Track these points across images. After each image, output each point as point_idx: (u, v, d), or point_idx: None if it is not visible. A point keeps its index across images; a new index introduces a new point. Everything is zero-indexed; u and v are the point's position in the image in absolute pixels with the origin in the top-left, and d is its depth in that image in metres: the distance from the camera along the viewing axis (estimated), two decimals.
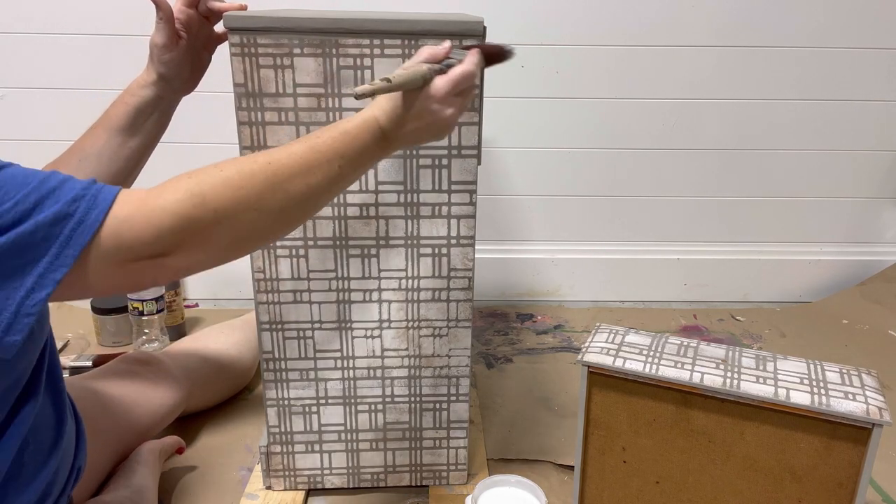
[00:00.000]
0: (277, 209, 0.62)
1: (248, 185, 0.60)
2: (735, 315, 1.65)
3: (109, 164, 0.88)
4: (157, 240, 0.58)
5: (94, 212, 0.57)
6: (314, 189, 0.64)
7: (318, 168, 0.64)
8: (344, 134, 0.66)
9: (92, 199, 0.57)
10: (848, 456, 0.76)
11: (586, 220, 1.67)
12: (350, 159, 0.66)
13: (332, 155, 0.65)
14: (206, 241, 0.60)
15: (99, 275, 0.58)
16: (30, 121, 1.52)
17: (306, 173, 0.63)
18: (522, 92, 1.54)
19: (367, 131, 0.67)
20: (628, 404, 0.85)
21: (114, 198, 0.58)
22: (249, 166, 0.61)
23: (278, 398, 0.97)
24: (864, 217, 1.70)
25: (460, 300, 0.94)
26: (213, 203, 0.59)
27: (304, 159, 0.63)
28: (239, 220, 0.61)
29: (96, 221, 0.56)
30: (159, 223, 0.57)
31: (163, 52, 0.85)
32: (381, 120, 0.68)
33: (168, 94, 0.88)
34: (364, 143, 0.67)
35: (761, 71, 1.54)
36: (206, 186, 0.59)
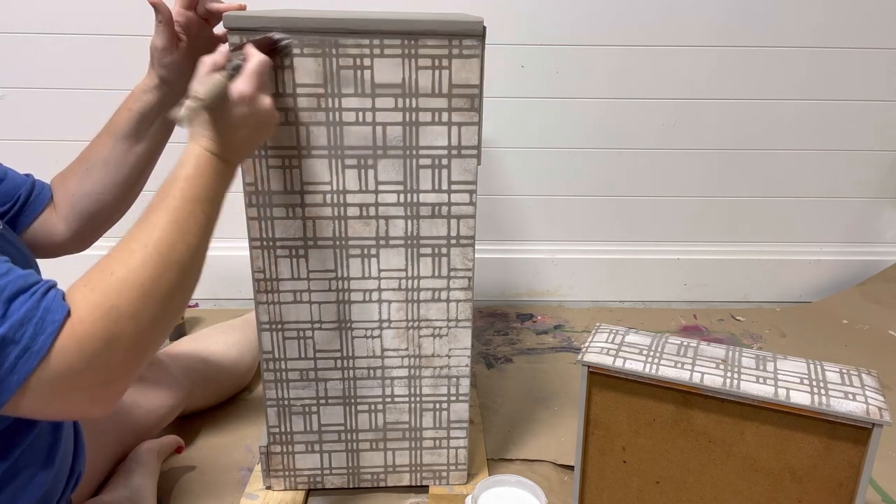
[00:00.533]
0: (178, 282, 0.63)
1: (144, 277, 0.60)
2: (735, 315, 1.65)
3: (117, 171, 0.89)
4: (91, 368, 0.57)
5: (41, 337, 0.55)
6: (196, 244, 0.65)
7: (188, 225, 0.65)
8: (187, 181, 0.67)
9: (39, 321, 0.55)
10: (848, 456, 0.76)
11: (586, 220, 1.67)
12: (207, 198, 0.67)
13: (191, 206, 0.66)
14: (135, 351, 0.60)
15: (35, 402, 0.56)
16: (30, 121, 1.52)
17: (182, 236, 0.64)
18: (522, 92, 1.54)
19: (204, 165, 0.68)
20: (628, 404, 0.85)
21: (62, 321, 0.56)
22: (134, 258, 0.61)
23: (278, 398, 0.97)
24: (864, 217, 1.70)
25: (460, 300, 0.94)
26: (126, 310, 0.58)
27: (172, 226, 0.64)
28: (152, 312, 0.60)
29: (42, 348, 0.55)
30: (91, 350, 0.56)
31: (163, 56, 0.84)
32: (210, 148, 0.70)
33: (170, 99, 0.88)
34: (209, 176, 0.68)
35: (761, 71, 1.54)
36: (112, 296, 0.58)
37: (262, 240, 0.89)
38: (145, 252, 0.61)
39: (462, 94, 0.84)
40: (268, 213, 0.87)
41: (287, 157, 0.85)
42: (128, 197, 0.92)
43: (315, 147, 0.85)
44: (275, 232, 0.88)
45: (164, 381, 1.08)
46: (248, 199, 0.87)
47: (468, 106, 0.85)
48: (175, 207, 0.65)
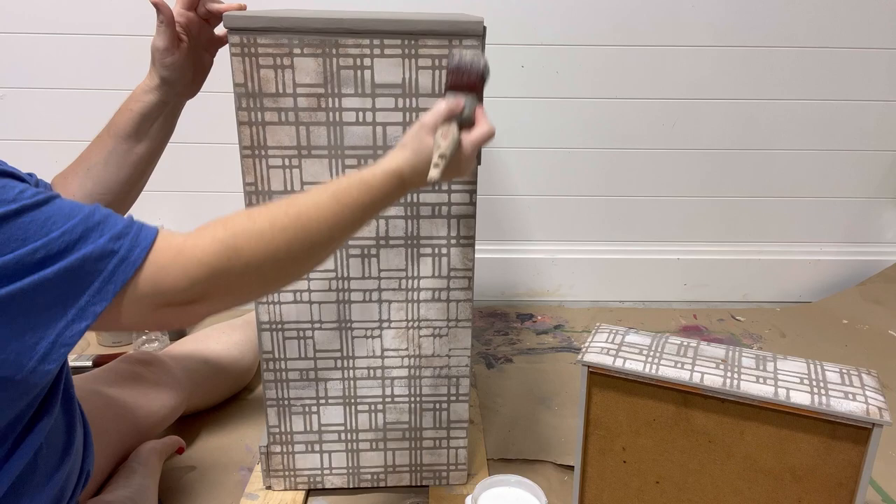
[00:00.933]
0: (303, 258, 0.66)
1: (279, 239, 0.63)
2: (735, 315, 1.65)
3: (117, 172, 0.89)
4: (190, 288, 0.59)
5: (137, 250, 0.58)
6: (337, 237, 0.68)
7: (343, 219, 0.67)
8: (369, 187, 0.69)
9: (134, 237, 0.59)
10: (848, 456, 0.76)
11: (586, 220, 1.67)
12: (371, 209, 0.70)
13: (356, 206, 0.68)
14: (235, 290, 0.63)
15: (132, 314, 0.59)
16: (30, 121, 1.52)
17: (332, 225, 0.66)
18: (522, 92, 1.54)
19: (390, 184, 0.71)
20: (628, 404, 0.85)
21: (154, 238, 0.60)
22: (281, 220, 0.63)
23: (278, 398, 0.97)
24: (864, 217, 1.70)
25: (460, 300, 0.94)
26: (246, 256, 0.61)
27: (332, 212, 0.66)
28: (267, 271, 0.63)
29: (138, 259, 0.58)
30: (195, 274, 0.59)
31: (164, 56, 0.85)
32: (404, 174, 0.72)
33: (172, 99, 0.89)
34: (385, 193, 0.71)
35: (761, 71, 1.54)
36: (241, 240, 0.61)
37: None
38: (296, 221, 0.64)
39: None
40: None
41: (287, 157, 0.85)
42: (128, 197, 0.92)
43: (315, 147, 0.85)
44: None
45: (166, 381, 1.08)
46: (248, 199, 0.87)
47: None
48: (343, 200, 0.67)
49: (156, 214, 1.56)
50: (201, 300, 0.61)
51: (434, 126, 0.73)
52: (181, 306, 0.60)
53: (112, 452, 0.96)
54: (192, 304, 0.61)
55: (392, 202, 0.73)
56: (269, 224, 0.63)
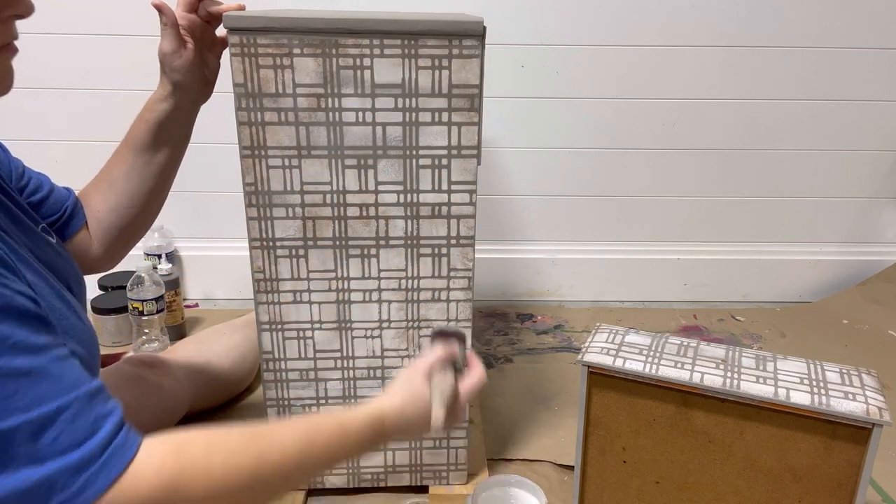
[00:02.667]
0: (251, 498, 0.59)
1: (230, 479, 0.56)
2: (735, 315, 1.65)
3: (140, 183, 0.89)
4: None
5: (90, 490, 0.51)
6: (296, 480, 0.62)
7: (307, 464, 0.62)
8: (344, 433, 0.64)
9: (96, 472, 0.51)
10: (848, 456, 0.76)
11: (586, 220, 1.67)
12: (342, 455, 0.65)
13: (325, 454, 0.63)
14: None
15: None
16: (30, 121, 1.52)
17: (293, 468, 0.60)
18: (522, 92, 1.54)
19: (368, 431, 0.66)
20: (628, 404, 0.85)
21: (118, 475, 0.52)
22: (238, 459, 0.57)
23: (278, 398, 0.97)
24: (864, 217, 1.70)
25: (460, 300, 0.94)
26: (188, 494, 0.54)
27: (296, 455, 0.60)
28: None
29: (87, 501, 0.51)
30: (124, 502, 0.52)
31: (173, 59, 0.85)
32: (387, 421, 0.68)
33: (185, 104, 0.89)
34: (360, 442, 0.66)
35: (762, 71, 1.54)
36: (188, 477, 0.54)
37: (261, 240, 0.89)
38: (255, 461, 0.58)
39: (462, 94, 0.84)
40: (268, 213, 0.87)
41: (287, 157, 0.85)
42: (153, 207, 0.93)
43: (315, 147, 0.85)
44: (275, 232, 0.88)
45: (169, 383, 1.08)
46: (248, 199, 0.87)
47: (468, 106, 0.85)
48: (312, 450, 0.62)
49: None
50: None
51: (427, 372, 0.70)
52: None
53: None
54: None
55: (366, 451, 0.67)
56: (223, 462, 0.56)
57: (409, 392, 0.69)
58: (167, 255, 1.55)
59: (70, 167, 0.91)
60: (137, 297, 1.34)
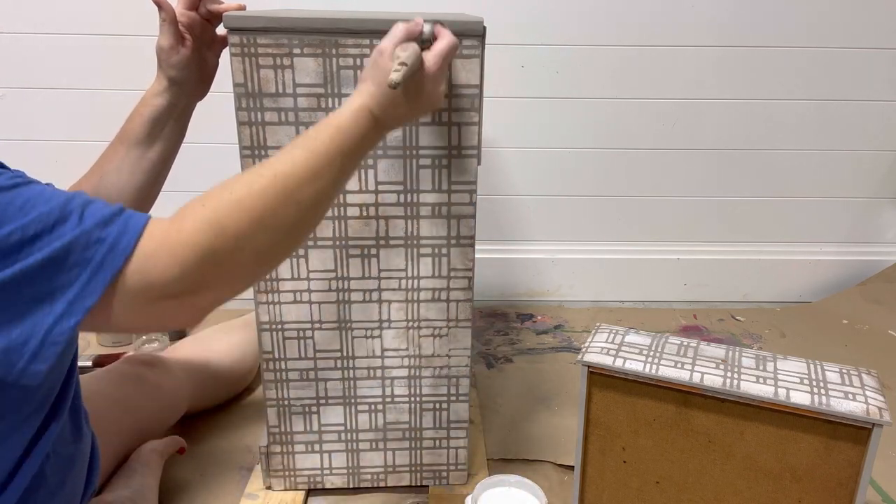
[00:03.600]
0: (292, 221, 0.62)
1: (261, 205, 0.59)
2: (735, 315, 1.65)
3: (130, 178, 0.88)
4: (182, 277, 0.56)
5: (125, 238, 0.55)
6: (323, 192, 0.64)
7: (323, 171, 0.63)
8: (339, 130, 0.65)
9: (123, 224, 0.56)
10: (848, 456, 0.76)
11: (586, 220, 1.66)
12: (350, 153, 0.66)
13: (334, 154, 0.64)
14: (231, 272, 0.59)
15: (124, 310, 0.56)
16: (30, 121, 1.52)
17: (313, 179, 0.62)
18: (522, 92, 1.54)
19: (361, 122, 0.67)
20: (628, 404, 0.85)
21: (143, 225, 0.56)
22: (259, 183, 0.60)
23: (278, 398, 0.97)
24: (864, 217, 1.70)
25: (460, 300, 0.94)
26: (232, 229, 0.57)
27: (308, 165, 0.62)
28: (258, 242, 0.59)
29: (127, 248, 0.55)
30: (184, 259, 0.56)
31: (170, 55, 0.85)
32: (373, 109, 0.68)
33: (181, 101, 0.88)
34: (360, 134, 0.67)
35: (761, 71, 1.54)
36: (222, 213, 0.58)
37: None
38: (273, 181, 0.60)
39: (462, 94, 0.84)
40: None
41: None
42: (144, 203, 0.92)
43: None
44: None
45: (169, 383, 1.08)
46: None
47: (468, 106, 0.85)
48: (317, 149, 0.63)
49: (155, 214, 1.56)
50: (197, 289, 0.57)
51: (392, 49, 0.68)
52: (176, 299, 0.57)
53: (114, 453, 0.96)
54: (188, 295, 0.57)
55: (371, 145, 0.69)
56: (246, 190, 0.59)
57: (378, 74, 0.68)
58: None
59: (70, 167, 0.90)
60: None
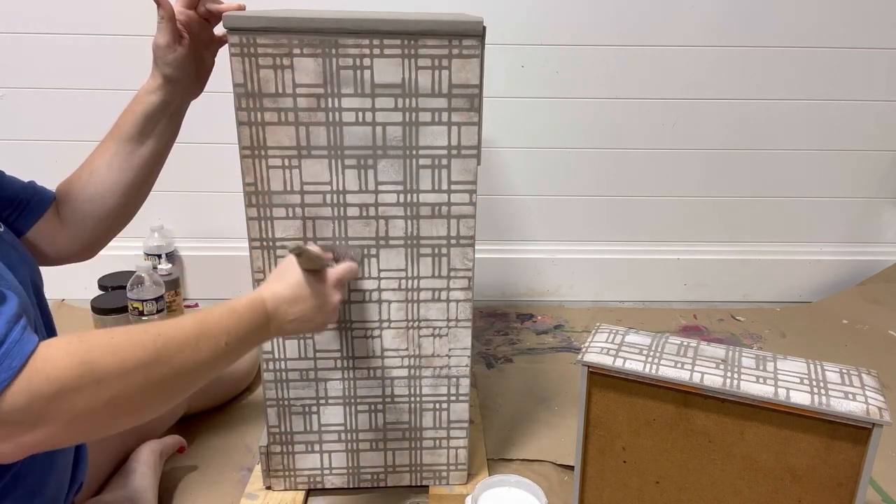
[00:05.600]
0: (161, 382, 0.61)
1: (134, 356, 0.58)
2: (735, 315, 1.65)
3: (120, 175, 0.88)
4: (27, 407, 0.53)
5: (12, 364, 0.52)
6: (199, 363, 0.64)
7: (204, 344, 0.65)
8: (232, 312, 0.69)
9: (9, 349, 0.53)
10: (848, 456, 0.76)
11: (586, 220, 1.67)
12: (236, 336, 0.68)
13: (220, 331, 0.67)
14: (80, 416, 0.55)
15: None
16: (30, 121, 1.52)
17: (193, 347, 0.63)
18: (522, 92, 1.54)
19: (253, 311, 0.71)
20: (628, 404, 0.85)
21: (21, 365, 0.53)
22: (140, 338, 0.60)
23: (278, 398, 0.97)
24: (864, 217, 1.70)
25: (460, 300, 0.94)
26: (99, 371, 0.56)
27: (193, 333, 0.64)
28: (118, 390, 0.57)
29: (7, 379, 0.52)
30: (38, 390, 0.53)
31: (167, 53, 0.84)
32: (267, 302, 0.73)
33: (175, 98, 0.88)
34: (250, 322, 0.71)
35: (761, 71, 1.54)
36: (96, 354, 0.56)
37: (261, 240, 0.89)
38: (154, 339, 0.60)
39: (462, 94, 0.84)
40: (268, 213, 0.87)
41: (287, 157, 0.85)
42: (133, 201, 0.91)
43: (315, 147, 0.85)
44: (275, 232, 0.88)
45: None
46: (248, 199, 0.87)
47: (468, 106, 0.85)
48: (206, 322, 0.66)
49: (155, 215, 1.57)
50: (34, 424, 0.53)
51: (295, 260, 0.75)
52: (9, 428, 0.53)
53: (112, 452, 0.96)
54: (21, 428, 0.53)
55: (258, 338, 0.72)
56: (126, 339, 0.58)
57: (281, 273, 0.76)
58: (167, 255, 1.55)
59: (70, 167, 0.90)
60: (137, 297, 1.34)
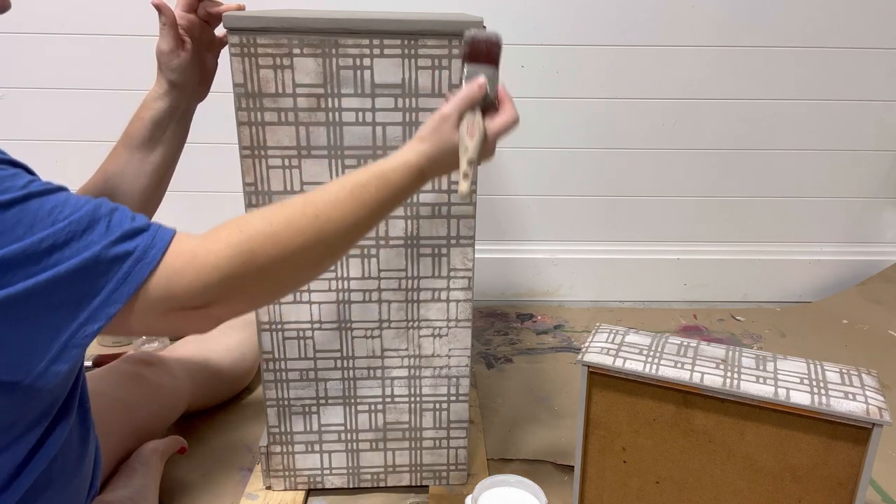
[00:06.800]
0: (319, 258, 0.64)
1: (295, 241, 0.61)
2: (735, 315, 1.65)
3: (134, 182, 0.89)
4: (203, 293, 0.58)
5: (152, 251, 0.57)
6: (354, 235, 0.66)
7: (362, 216, 0.65)
8: (387, 184, 0.67)
9: (150, 237, 0.58)
10: (848, 456, 0.76)
11: (586, 220, 1.67)
12: (391, 204, 0.68)
13: (375, 203, 0.66)
14: (249, 294, 0.62)
15: (142, 317, 0.58)
16: (30, 121, 1.52)
17: (350, 224, 0.64)
18: (522, 92, 1.54)
19: (410, 179, 0.68)
20: (628, 404, 0.85)
21: (170, 239, 0.58)
22: (298, 221, 0.62)
23: (278, 398, 0.97)
24: (864, 217, 1.70)
25: (460, 300, 0.94)
26: (261, 260, 0.60)
27: (350, 210, 0.64)
28: (283, 273, 0.62)
29: (153, 261, 0.57)
30: (208, 278, 0.58)
31: (170, 59, 0.85)
32: (424, 169, 0.69)
33: (182, 103, 0.89)
34: (405, 189, 0.68)
35: (761, 71, 1.54)
36: (256, 243, 0.60)
37: None
38: (313, 221, 0.62)
39: None
40: None
41: (287, 157, 0.85)
42: (150, 205, 0.92)
43: (315, 147, 0.85)
44: None
45: (168, 383, 1.08)
46: (248, 199, 0.87)
47: None
48: (363, 198, 0.65)
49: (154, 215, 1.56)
50: (214, 304, 0.60)
51: (456, 117, 0.68)
52: (193, 311, 0.59)
53: (114, 452, 0.96)
54: (204, 308, 0.60)
55: (410, 194, 0.71)
56: (285, 226, 0.61)
57: (438, 140, 0.69)
58: None
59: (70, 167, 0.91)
60: None
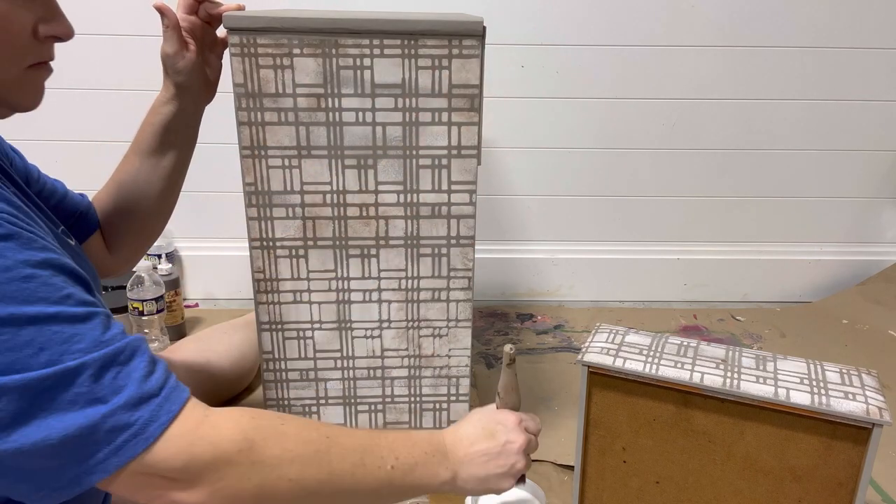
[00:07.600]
0: (313, 483, 0.59)
1: (297, 449, 0.58)
2: (735, 315, 1.65)
3: (148, 187, 0.90)
4: (184, 468, 0.53)
5: (153, 426, 0.52)
6: (357, 480, 0.61)
7: (371, 459, 0.62)
8: (407, 437, 0.66)
9: (156, 408, 0.53)
10: (848, 456, 0.76)
11: (586, 220, 1.66)
12: (405, 462, 0.64)
13: (388, 452, 0.63)
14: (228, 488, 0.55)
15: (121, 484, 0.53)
16: (30, 121, 1.52)
17: (358, 460, 0.61)
18: (522, 92, 1.54)
19: (429, 442, 0.67)
20: (628, 404, 0.85)
21: (179, 410, 0.54)
22: (309, 432, 0.60)
23: (278, 398, 0.97)
24: (864, 217, 1.70)
25: (460, 300, 0.94)
26: (258, 453, 0.56)
27: (361, 445, 0.62)
28: (269, 481, 0.57)
29: (151, 437, 0.52)
30: (198, 452, 0.54)
31: (175, 61, 0.85)
32: (446, 436, 0.69)
33: (190, 106, 0.89)
34: (423, 452, 0.66)
35: (762, 71, 1.54)
36: (261, 435, 0.57)
37: (261, 240, 0.89)
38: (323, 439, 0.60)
39: (462, 94, 0.84)
40: (268, 213, 0.87)
41: (287, 157, 0.85)
42: (163, 210, 0.93)
43: (315, 147, 0.85)
44: (275, 232, 0.88)
45: None
46: (247, 200, 0.87)
47: (468, 106, 0.85)
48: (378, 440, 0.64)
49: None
50: (188, 486, 0.54)
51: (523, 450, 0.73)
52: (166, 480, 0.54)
53: None
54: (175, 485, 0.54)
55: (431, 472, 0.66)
56: (295, 431, 0.59)
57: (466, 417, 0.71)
58: (167, 255, 1.55)
59: (70, 167, 0.91)
60: (137, 296, 1.34)
